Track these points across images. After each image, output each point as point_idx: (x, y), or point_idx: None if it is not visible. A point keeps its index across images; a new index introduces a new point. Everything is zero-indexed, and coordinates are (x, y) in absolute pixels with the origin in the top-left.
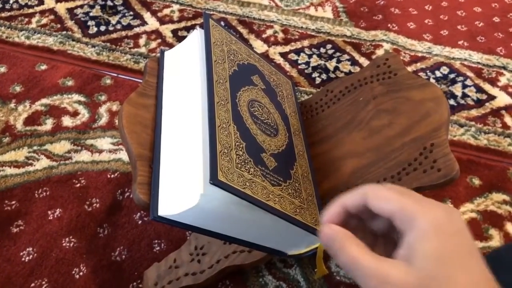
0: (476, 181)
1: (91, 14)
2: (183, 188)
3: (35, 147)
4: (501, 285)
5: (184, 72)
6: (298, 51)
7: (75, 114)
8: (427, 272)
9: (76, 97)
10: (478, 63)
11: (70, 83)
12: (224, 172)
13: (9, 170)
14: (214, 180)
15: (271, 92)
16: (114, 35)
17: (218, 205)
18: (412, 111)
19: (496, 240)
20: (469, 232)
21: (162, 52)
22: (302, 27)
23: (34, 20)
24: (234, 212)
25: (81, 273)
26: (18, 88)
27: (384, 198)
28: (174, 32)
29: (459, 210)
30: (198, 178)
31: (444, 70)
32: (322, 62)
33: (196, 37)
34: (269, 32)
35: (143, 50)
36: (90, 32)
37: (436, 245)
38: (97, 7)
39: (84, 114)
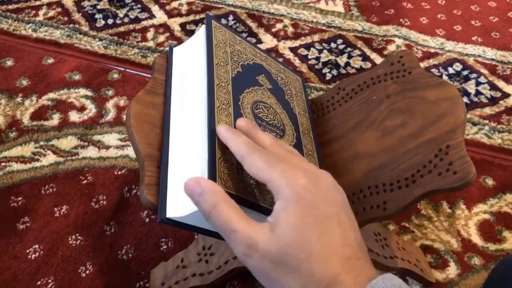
0: (490, 182)
1: (98, 7)
2: None
3: (41, 143)
4: None
5: (190, 71)
6: (308, 46)
7: (82, 109)
8: (287, 240)
9: (83, 91)
10: (492, 59)
11: (77, 77)
12: (223, 180)
13: (16, 166)
14: None
15: (279, 91)
16: (122, 29)
17: None
18: (427, 111)
19: (510, 242)
20: (336, 201)
21: (171, 48)
22: (312, 21)
23: (41, 12)
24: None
25: (87, 272)
26: (24, 82)
27: (256, 167)
28: (183, 25)
29: (327, 177)
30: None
31: (457, 66)
32: (333, 57)
33: (201, 35)
34: (279, 26)
35: (151, 44)
36: (98, 25)
37: (296, 214)
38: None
39: (91, 109)
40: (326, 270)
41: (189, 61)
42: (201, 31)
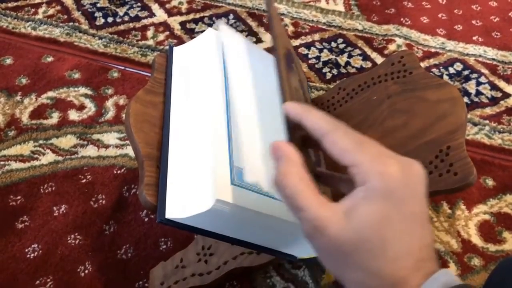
0: (490, 182)
1: (98, 5)
2: (194, 191)
3: (40, 141)
4: None
5: (199, 73)
6: (308, 45)
7: (81, 107)
8: (362, 234)
9: (82, 90)
10: (493, 59)
11: (76, 75)
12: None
13: (15, 165)
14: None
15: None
16: (122, 27)
17: (233, 209)
18: (427, 112)
19: (510, 243)
20: (423, 198)
21: (171, 48)
22: (312, 21)
23: (40, 10)
24: (249, 216)
25: (86, 271)
26: (24, 80)
27: (341, 149)
28: (182, 24)
29: (420, 168)
30: (213, 182)
31: (458, 66)
32: (333, 56)
33: (211, 38)
34: None
35: (150, 42)
36: (97, 23)
37: (380, 209)
38: None
39: (90, 108)
40: (397, 270)
41: (197, 61)
42: (209, 35)
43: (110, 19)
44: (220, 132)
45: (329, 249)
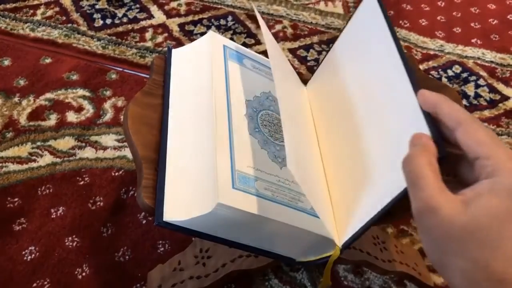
0: None
1: (97, 6)
2: (193, 194)
3: (38, 143)
4: None
5: (199, 75)
6: (307, 47)
7: (79, 109)
8: (478, 223)
9: (80, 91)
10: (492, 62)
11: (75, 77)
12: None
13: (12, 166)
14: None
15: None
16: (120, 29)
17: (233, 213)
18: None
19: None
20: None
21: (170, 50)
22: (311, 23)
23: (39, 12)
24: (248, 220)
25: (84, 274)
26: (22, 82)
27: (477, 140)
28: (181, 26)
29: None
30: (213, 185)
31: (457, 69)
32: None
33: (212, 41)
34: (278, 27)
35: (149, 44)
36: (96, 25)
37: (504, 204)
38: None
39: (88, 110)
40: (506, 269)
41: (197, 65)
42: (210, 38)
43: (108, 21)
44: (221, 135)
45: (438, 231)
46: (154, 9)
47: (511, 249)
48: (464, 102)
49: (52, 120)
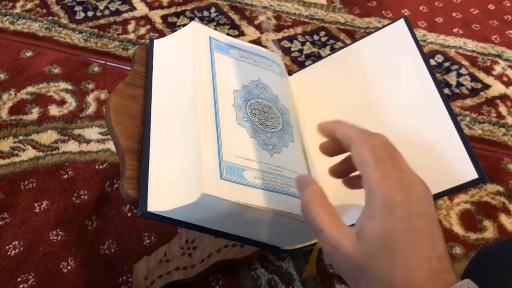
0: None
1: None
2: (178, 184)
3: (20, 137)
4: (491, 281)
5: (183, 65)
6: (291, 38)
7: (62, 102)
8: (370, 251)
9: (63, 85)
10: (473, 51)
11: (56, 70)
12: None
13: None
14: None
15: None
16: (102, 21)
17: (220, 202)
18: None
19: (490, 231)
20: (428, 215)
21: (152, 40)
22: (295, 14)
23: (18, 4)
24: (234, 209)
25: (69, 267)
26: (2, 76)
27: (360, 161)
28: (164, 18)
29: (422, 188)
30: (198, 175)
31: (439, 58)
32: (316, 49)
33: (195, 31)
34: (262, 18)
35: (131, 36)
36: (77, 17)
37: (383, 228)
38: None
39: (71, 103)
40: (408, 283)
41: (180, 55)
42: (192, 29)
43: (90, 13)
44: (206, 126)
45: (345, 266)
46: (136, 1)
47: (403, 264)
48: (447, 91)
49: (34, 114)
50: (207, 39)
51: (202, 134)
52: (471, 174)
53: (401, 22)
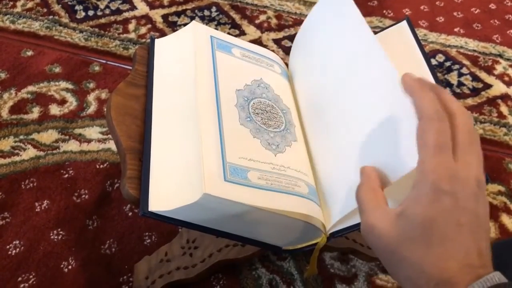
0: None
1: None
2: (179, 184)
3: (21, 137)
4: None
5: (184, 65)
6: (292, 38)
7: (62, 102)
8: (408, 233)
9: (63, 84)
10: (474, 50)
11: (57, 69)
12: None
13: None
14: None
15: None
16: (103, 20)
17: (221, 203)
18: None
19: (491, 231)
20: (474, 212)
21: (153, 40)
22: (296, 13)
23: (19, 4)
24: (235, 209)
25: (69, 267)
26: (3, 75)
27: (422, 142)
28: (165, 17)
29: (475, 186)
30: (200, 175)
31: (440, 57)
32: None
33: (196, 31)
34: (262, 17)
35: (132, 35)
36: (78, 17)
37: (428, 212)
38: None
39: (72, 102)
40: (440, 271)
41: (181, 54)
42: (194, 28)
43: (91, 12)
44: (208, 127)
45: (379, 247)
46: (137, 0)
47: (439, 252)
48: (448, 91)
49: (35, 113)
50: (209, 38)
51: (204, 134)
52: None
53: (404, 24)
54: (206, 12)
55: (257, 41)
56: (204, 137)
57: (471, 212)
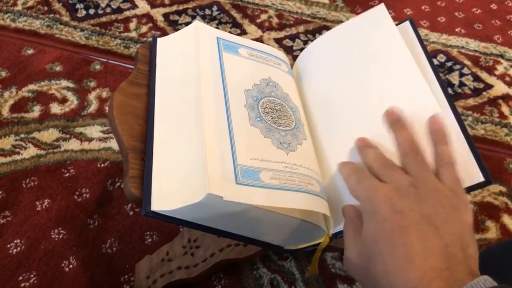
0: None
1: None
2: (182, 183)
3: (22, 135)
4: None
5: (186, 66)
6: (293, 37)
7: (63, 100)
8: (367, 254)
9: (64, 83)
10: (475, 51)
11: (58, 68)
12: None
13: None
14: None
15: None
16: (104, 19)
17: (226, 203)
18: None
19: (492, 232)
20: (415, 211)
21: (154, 39)
22: (297, 12)
23: (19, 2)
24: (238, 209)
25: (70, 266)
26: (3, 73)
27: (350, 187)
28: (166, 16)
29: (417, 188)
30: (204, 175)
31: (441, 58)
32: None
33: (199, 30)
34: (264, 17)
35: (133, 34)
36: (79, 15)
37: (371, 228)
38: None
39: (72, 101)
40: (404, 282)
41: (184, 53)
42: (196, 28)
43: (91, 11)
44: (215, 126)
45: (356, 275)
46: None
47: (397, 263)
48: (449, 91)
49: (36, 112)
50: (213, 39)
51: (207, 133)
52: (477, 177)
53: (407, 24)
54: (207, 11)
55: (258, 41)
56: (207, 137)
57: (411, 212)
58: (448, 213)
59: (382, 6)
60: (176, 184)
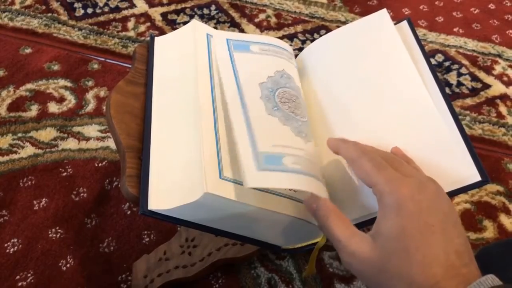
0: None
1: None
2: (179, 182)
3: (19, 134)
4: None
5: (184, 64)
6: (291, 37)
7: (61, 100)
8: (387, 249)
9: (62, 82)
10: (473, 50)
11: (56, 67)
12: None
13: None
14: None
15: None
16: (102, 18)
17: (223, 202)
18: None
19: (490, 231)
20: (440, 211)
21: (152, 38)
22: (295, 12)
23: (17, 1)
24: (236, 209)
25: (68, 265)
26: (1, 72)
27: (364, 171)
28: (164, 15)
29: (432, 184)
30: (201, 174)
31: (439, 57)
32: None
33: (196, 29)
34: (262, 16)
35: (131, 33)
36: (77, 14)
37: (396, 224)
38: None
39: (70, 100)
40: (427, 278)
41: (182, 53)
42: (194, 26)
43: (89, 10)
44: (209, 125)
45: (365, 271)
46: None
47: (420, 258)
48: (447, 90)
49: (33, 111)
50: (223, 41)
51: (204, 132)
52: (474, 176)
53: (404, 24)
54: (206, 11)
55: None
56: (204, 138)
57: (437, 211)
58: (452, 209)
59: (384, 11)
60: (173, 183)
